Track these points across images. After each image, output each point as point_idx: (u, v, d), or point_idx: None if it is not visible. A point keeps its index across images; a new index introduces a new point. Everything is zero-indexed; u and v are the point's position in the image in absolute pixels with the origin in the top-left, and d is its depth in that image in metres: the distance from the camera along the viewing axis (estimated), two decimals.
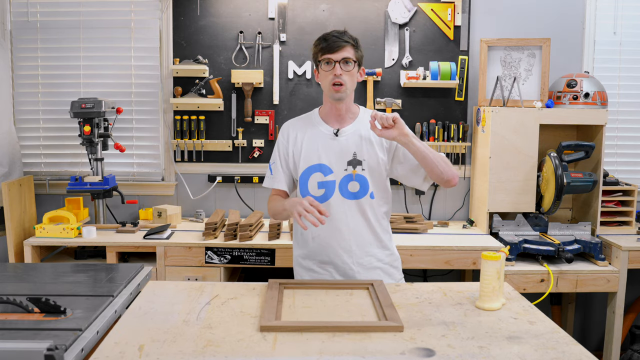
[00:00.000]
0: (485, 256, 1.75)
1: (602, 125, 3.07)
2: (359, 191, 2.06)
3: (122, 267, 2.13)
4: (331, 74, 1.99)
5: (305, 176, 2.07)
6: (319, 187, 2.06)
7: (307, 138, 2.10)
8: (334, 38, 1.99)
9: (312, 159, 2.07)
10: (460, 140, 3.37)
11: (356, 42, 2.03)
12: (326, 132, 2.09)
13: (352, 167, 2.05)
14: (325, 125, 2.11)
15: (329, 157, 2.06)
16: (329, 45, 1.98)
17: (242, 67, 3.34)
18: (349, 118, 2.10)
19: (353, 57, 2.01)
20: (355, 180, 2.05)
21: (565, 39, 3.39)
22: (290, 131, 2.15)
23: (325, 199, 2.05)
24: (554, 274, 2.85)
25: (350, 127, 2.09)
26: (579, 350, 1.45)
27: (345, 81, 2.00)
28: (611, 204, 3.20)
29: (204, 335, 1.51)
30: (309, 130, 2.11)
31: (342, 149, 2.06)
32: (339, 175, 2.05)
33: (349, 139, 2.07)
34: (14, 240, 2.92)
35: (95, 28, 3.37)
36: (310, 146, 2.08)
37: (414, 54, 3.35)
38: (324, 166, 2.05)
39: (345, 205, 2.06)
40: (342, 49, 1.98)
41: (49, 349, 1.26)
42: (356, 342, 1.47)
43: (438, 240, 2.94)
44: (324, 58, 2.00)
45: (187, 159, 3.40)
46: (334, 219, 2.04)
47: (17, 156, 3.27)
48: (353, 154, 2.05)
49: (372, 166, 2.06)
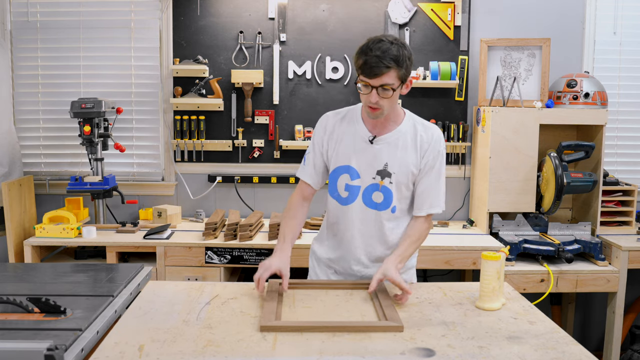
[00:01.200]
0: (485, 256, 1.75)
1: (602, 125, 3.07)
2: (382, 203, 1.98)
3: (122, 267, 2.13)
4: (367, 98, 1.83)
5: (335, 175, 2.01)
6: (345, 189, 1.99)
7: (344, 136, 1.99)
8: (375, 59, 1.76)
9: (343, 159, 1.98)
10: (460, 140, 3.37)
11: (400, 62, 1.80)
12: (362, 135, 1.97)
13: (381, 177, 1.96)
14: (364, 127, 1.98)
15: (359, 162, 1.96)
16: (368, 71, 1.78)
17: (242, 67, 3.34)
18: (391, 124, 1.97)
19: (395, 82, 1.81)
20: (380, 191, 1.97)
21: (565, 39, 3.38)
22: (329, 124, 2.03)
23: (348, 202, 1.99)
24: (554, 274, 2.85)
25: (389, 135, 1.96)
26: (579, 350, 1.45)
27: (382, 105, 1.85)
28: (611, 204, 3.20)
29: (204, 335, 1.51)
30: (347, 127, 2.00)
31: (375, 157, 1.95)
32: (365, 182, 1.97)
33: (384, 148, 1.95)
34: (14, 240, 2.92)
35: (95, 28, 3.37)
36: (344, 146, 1.99)
37: (414, 54, 3.31)
38: (353, 169, 1.97)
39: (365, 214, 1.99)
40: (382, 75, 1.78)
41: (49, 349, 1.26)
42: (356, 342, 1.47)
43: (438, 240, 2.94)
44: (361, 79, 1.82)
45: (187, 159, 3.40)
46: (352, 225, 2.00)
47: (17, 156, 3.27)
48: (384, 165, 1.95)
49: (401, 180, 1.96)
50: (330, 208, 2.06)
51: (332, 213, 2.06)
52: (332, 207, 2.05)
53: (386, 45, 1.78)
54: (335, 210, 2.04)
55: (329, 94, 3.36)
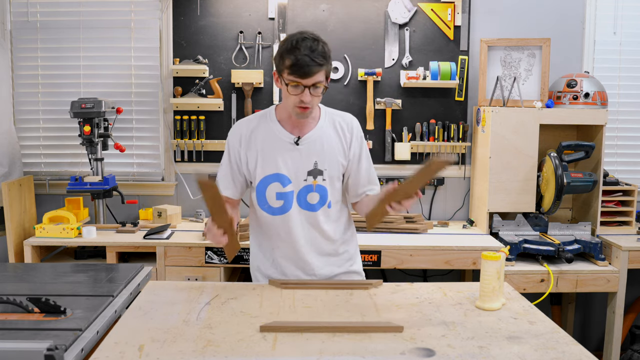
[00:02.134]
0: (485, 256, 1.75)
1: (602, 125, 3.07)
2: (318, 202, 1.93)
3: (122, 267, 2.13)
4: (298, 98, 1.77)
5: (263, 186, 1.91)
6: (277, 197, 1.91)
7: (264, 144, 1.90)
8: (306, 59, 1.72)
9: (270, 168, 1.89)
10: (460, 140, 3.37)
11: (328, 59, 1.78)
12: (285, 139, 1.90)
13: (313, 177, 1.90)
14: (284, 130, 1.90)
15: (287, 166, 1.89)
16: (300, 71, 1.73)
17: (242, 67, 3.34)
18: (311, 122, 1.92)
19: (324, 79, 1.79)
20: (315, 192, 1.91)
21: (565, 39, 3.38)
22: (244, 134, 1.92)
23: (284, 210, 1.92)
24: (554, 274, 2.85)
25: (312, 133, 1.91)
26: (579, 350, 1.45)
27: (313, 104, 1.80)
28: (611, 204, 3.20)
29: (204, 335, 1.50)
30: (266, 134, 1.91)
31: (303, 158, 1.89)
32: (298, 185, 1.90)
33: (311, 147, 1.90)
34: (14, 240, 2.92)
35: (95, 28, 3.37)
36: (267, 154, 1.89)
37: (414, 54, 3.35)
38: (283, 176, 1.89)
39: (302, 217, 1.93)
40: (314, 75, 1.75)
41: (49, 349, 1.26)
42: (356, 342, 1.47)
43: (438, 240, 2.94)
44: (291, 79, 1.76)
45: (187, 159, 3.40)
46: (293, 232, 1.93)
47: (17, 156, 3.27)
48: (314, 164, 1.90)
49: (333, 175, 1.92)
50: (263, 222, 1.97)
51: (264, 227, 1.97)
52: (265, 221, 1.96)
53: (312, 42, 1.75)
54: (269, 223, 1.95)
55: (328, 93, 3.35)
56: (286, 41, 1.78)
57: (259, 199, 1.93)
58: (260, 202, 1.94)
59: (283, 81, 1.80)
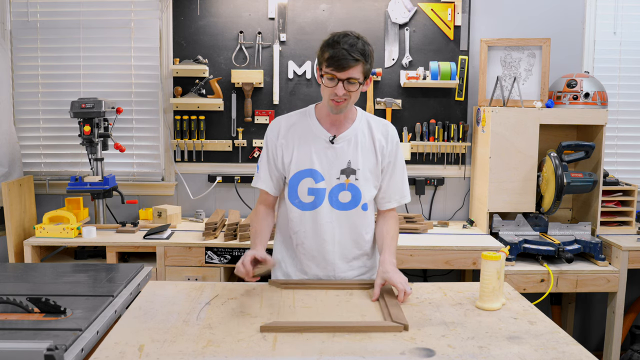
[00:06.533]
0: (485, 256, 1.75)
1: (602, 125, 3.07)
2: (350, 202, 1.95)
3: (122, 267, 2.13)
4: (332, 91, 1.81)
5: (296, 180, 1.94)
6: (309, 193, 1.94)
7: (301, 139, 1.94)
8: (344, 53, 1.76)
9: (304, 163, 1.93)
10: (460, 140, 3.37)
11: (367, 57, 1.81)
12: (321, 137, 1.94)
13: (346, 175, 1.93)
14: (321, 128, 1.95)
15: (322, 163, 1.93)
16: (336, 63, 1.77)
17: (242, 67, 3.34)
18: (347, 122, 1.96)
19: (360, 77, 1.81)
20: (347, 190, 1.93)
21: (565, 39, 3.38)
22: (282, 128, 1.97)
23: (314, 206, 1.94)
24: (554, 274, 2.85)
25: (347, 132, 1.94)
26: (579, 350, 1.45)
27: (347, 98, 1.84)
28: (611, 204, 3.20)
29: (204, 335, 1.51)
30: (303, 130, 1.95)
31: (337, 157, 1.93)
32: (330, 183, 1.93)
33: (345, 146, 1.93)
34: (14, 240, 2.92)
35: (95, 28, 3.37)
36: (303, 149, 1.93)
37: (414, 54, 3.35)
38: (316, 172, 1.92)
39: (333, 216, 1.95)
40: (349, 69, 1.78)
41: (49, 349, 1.26)
42: (356, 342, 1.47)
43: (438, 240, 2.94)
44: (327, 72, 1.80)
45: (187, 159, 3.40)
46: (321, 229, 1.95)
47: (17, 156, 3.27)
48: (347, 162, 1.93)
49: (367, 176, 1.94)
50: (292, 217, 1.98)
51: (293, 222, 1.99)
52: (294, 216, 1.98)
53: (353, 39, 1.80)
54: (298, 218, 1.97)
55: None
56: (330, 37, 1.85)
57: (290, 193, 1.97)
58: (291, 196, 1.97)
59: (321, 74, 1.85)
